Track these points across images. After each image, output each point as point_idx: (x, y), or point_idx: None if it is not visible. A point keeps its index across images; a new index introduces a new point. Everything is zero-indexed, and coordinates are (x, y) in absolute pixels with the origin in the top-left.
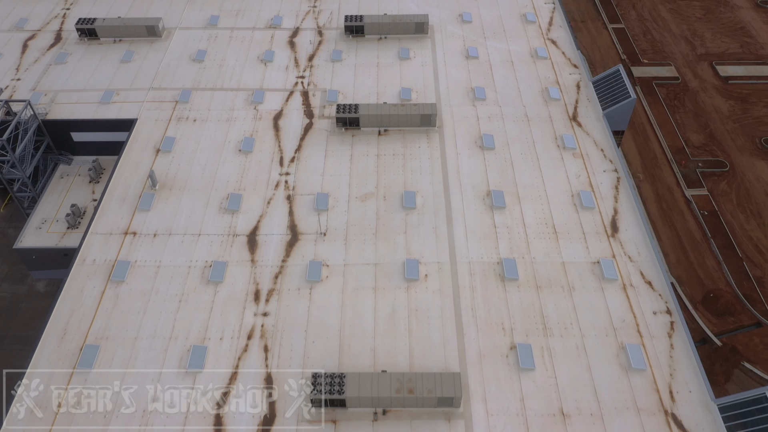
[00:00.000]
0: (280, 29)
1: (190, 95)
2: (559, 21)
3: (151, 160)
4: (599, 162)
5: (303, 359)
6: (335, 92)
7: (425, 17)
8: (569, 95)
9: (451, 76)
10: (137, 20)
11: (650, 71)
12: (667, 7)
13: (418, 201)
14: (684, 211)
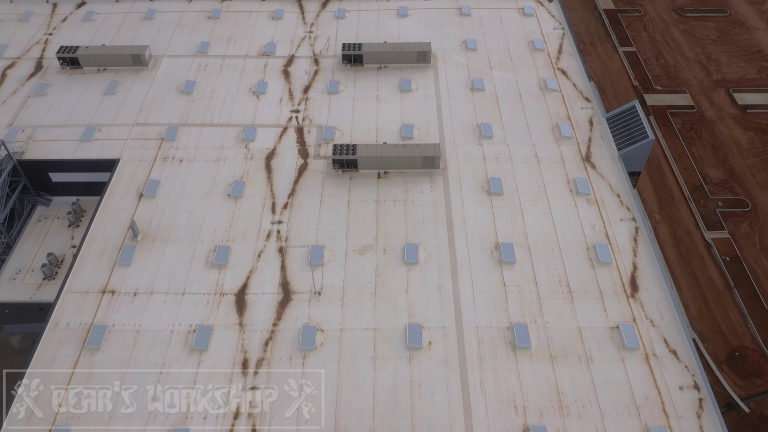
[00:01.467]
0: (273, 57)
1: (176, 132)
2: (569, 49)
3: (133, 207)
4: (615, 209)
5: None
6: (332, 129)
7: (428, 46)
8: (581, 132)
9: (455, 110)
10: (122, 48)
11: (664, 99)
12: (679, 29)
13: (420, 255)
14: (704, 256)
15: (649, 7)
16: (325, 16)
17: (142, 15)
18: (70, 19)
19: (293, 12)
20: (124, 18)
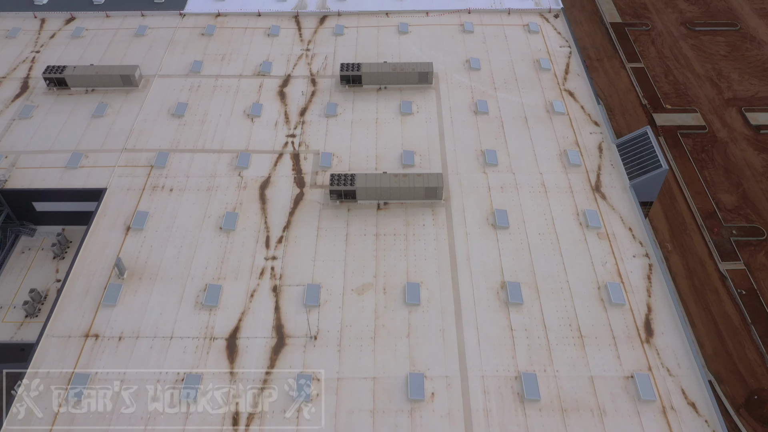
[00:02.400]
0: (269, 77)
1: (167, 159)
2: (577, 68)
3: (120, 241)
4: (628, 245)
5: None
6: (329, 155)
7: (429, 66)
8: (591, 159)
9: (458, 135)
10: (111, 68)
11: (674, 119)
12: (689, 43)
13: (422, 295)
14: (719, 289)
15: (657, 20)
16: (322, 32)
17: (133, 31)
18: (59, 35)
19: (290, 28)
20: (115, 34)
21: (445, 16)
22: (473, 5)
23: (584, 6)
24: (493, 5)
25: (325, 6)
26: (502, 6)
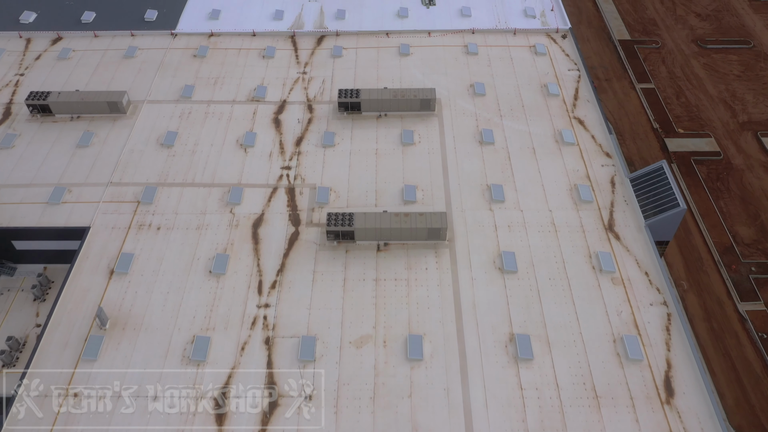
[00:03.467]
0: (263, 103)
1: (154, 194)
2: (586, 94)
3: (102, 286)
4: (644, 291)
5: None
6: (326, 190)
7: (432, 92)
8: (603, 195)
9: (462, 168)
10: (98, 95)
11: (687, 144)
12: (700, 62)
13: (425, 349)
14: (738, 332)
15: (667, 37)
16: (320, 54)
17: (122, 53)
18: (45, 57)
19: (286, 49)
20: (103, 56)
21: (447, 36)
22: (477, 25)
23: (591, 22)
24: (497, 25)
25: (322, 25)
26: (508, 26)
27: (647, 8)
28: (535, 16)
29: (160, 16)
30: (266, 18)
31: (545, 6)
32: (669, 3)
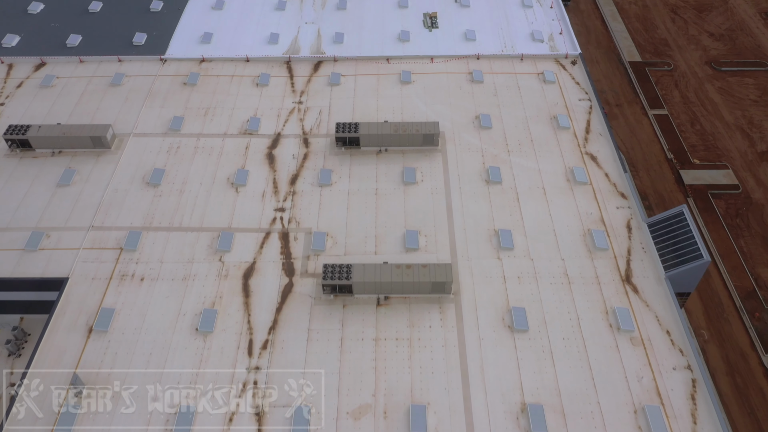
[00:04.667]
0: (257, 136)
1: (139, 239)
2: (599, 126)
3: (80, 347)
4: (666, 354)
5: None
6: (323, 235)
7: (435, 127)
8: (619, 241)
9: (468, 210)
10: (81, 128)
11: (703, 176)
12: (715, 86)
13: (429, 421)
14: (764, 388)
15: (680, 59)
16: (317, 81)
17: (109, 80)
18: (27, 84)
19: (281, 76)
20: (88, 83)
21: (451, 62)
22: (482, 50)
23: (600, 42)
24: (503, 50)
25: (320, 49)
26: (514, 51)
27: (658, 27)
28: (542, 40)
29: (149, 40)
30: (261, 41)
31: (553, 29)
32: (680, 22)
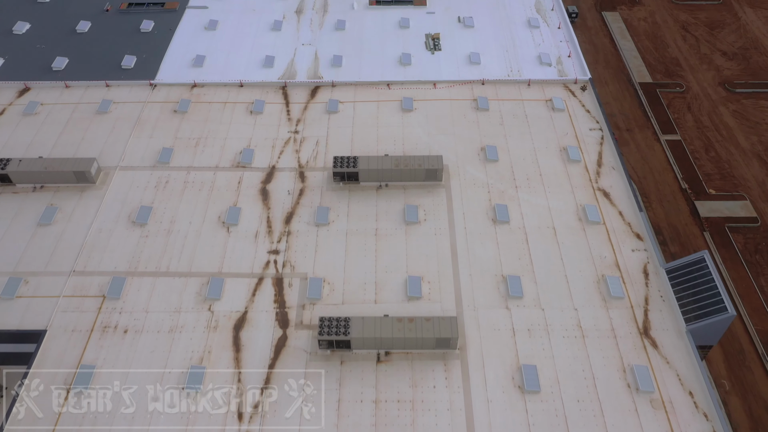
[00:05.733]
0: (250, 169)
1: (123, 286)
2: (611, 158)
3: (55, 414)
4: (689, 419)
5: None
6: (319, 282)
7: (438, 161)
8: (635, 289)
9: (474, 254)
10: (64, 162)
11: (720, 208)
12: (729, 109)
13: None
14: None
15: (692, 80)
16: (314, 108)
17: (95, 107)
18: (9, 111)
19: (276, 103)
20: (74, 110)
21: (455, 88)
22: (487, 74)
23: (609, 61)
24: (510, 74)
25: (317, 74)
26: (521, 75)
27: (669, 46)
28: (550, 63)
29: (138, 63)
30: (255, 65)
31: (562, 52)
32: (692, 40)
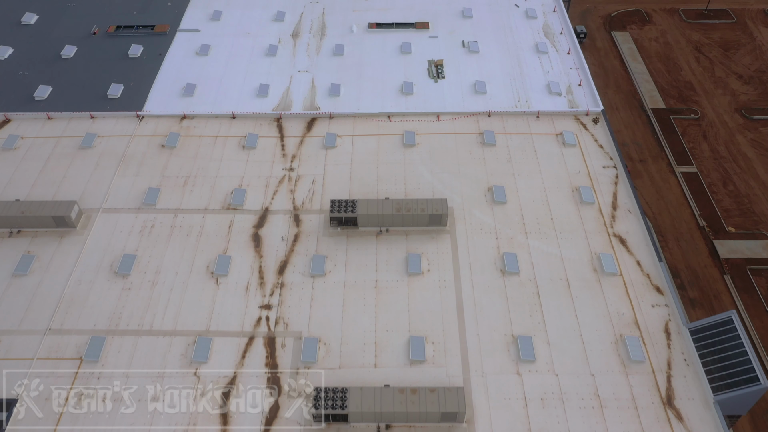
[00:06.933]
0: (241, 212)
1: (102, 347)
2: (626, 200)
3: None
4: None
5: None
6: (314, 342)
7: (443, 205)
8: (657, 351)
9: (482, 310)
10: (43, 206)
11: (740, 248)
12: (747, 138)
13: None
14: None
15: (707, 105)
16: (310, 143)
17: (79, 141)
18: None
19: (270, 136)
20: (56, 145)
21: (459, 120)
22: (494, 104)
23: (620, 85)
24: (517, 104)
25: (314, 104)
26: (529, 106)
27: (682, 68)
28: (560, 93)
29: (126, 92)
30: (249, 94)
31: (572, 80)
32: (706, 62)
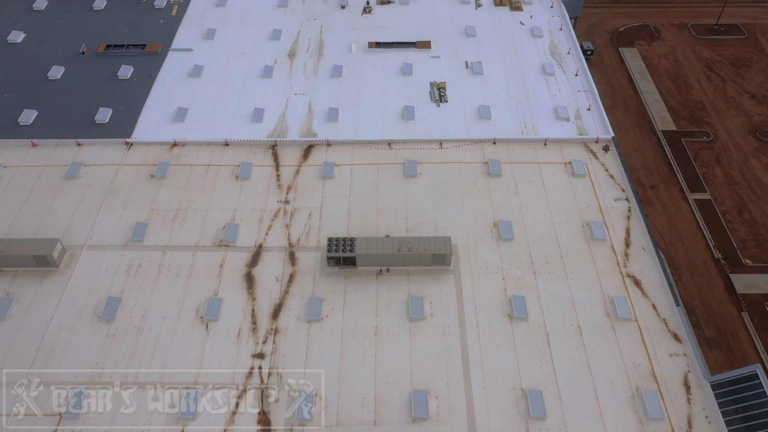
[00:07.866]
0: (234, 249)
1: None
2: (641, 237)
3: None
4: None
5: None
6: (310, 397)
7: (447, 244)
8: (676, 406)
9: (489, 360)
10: (23, 245)
11: (758, 282)
12: (762, 162)
13: None
14: None
15: (719, 127)
16: (306, 173)
17: (64, 170)
18: None
19: (265, 165)
20: (40, 175)
21: (463, 148)
22: (499, 131)
23: (629, 105)
24: (524, 131)
25: (311, 130)
26: (537, 132)
27: (693, 87)
28: (568, 118)
29: (114, 116)
30: (243, 119)
31: (580, 104)
32: (717, 80)
